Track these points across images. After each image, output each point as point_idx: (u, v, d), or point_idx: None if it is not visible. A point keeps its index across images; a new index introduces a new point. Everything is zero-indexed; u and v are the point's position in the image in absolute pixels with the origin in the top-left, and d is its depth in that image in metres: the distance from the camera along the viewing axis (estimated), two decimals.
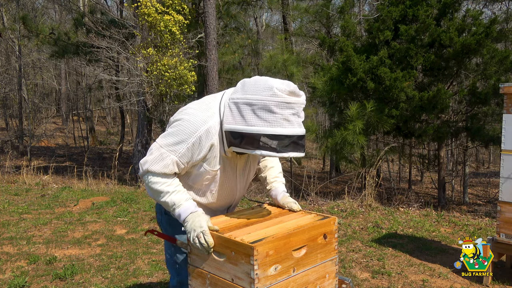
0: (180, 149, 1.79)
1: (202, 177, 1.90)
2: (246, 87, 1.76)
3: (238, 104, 1.74)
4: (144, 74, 8.65)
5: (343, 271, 3.75)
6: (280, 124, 1.68)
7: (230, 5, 12.00)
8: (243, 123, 1.72)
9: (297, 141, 1.72)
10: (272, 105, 1.67)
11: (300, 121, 1.75)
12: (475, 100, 7.46)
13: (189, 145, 1.79)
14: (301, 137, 1.74)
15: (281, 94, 1.68)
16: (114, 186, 8.45)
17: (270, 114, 1.68)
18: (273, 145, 1.68)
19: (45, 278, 3.59)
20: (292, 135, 1.70)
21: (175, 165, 1.82)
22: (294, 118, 1.72)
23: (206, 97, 1.94)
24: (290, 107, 1.70)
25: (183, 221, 1.82)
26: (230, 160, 1.92)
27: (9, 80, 17.65)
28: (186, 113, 1.84)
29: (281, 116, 1.68)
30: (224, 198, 2.03)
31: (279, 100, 1.68)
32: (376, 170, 7.04)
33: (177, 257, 2.07)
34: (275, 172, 2.19)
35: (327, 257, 1.85)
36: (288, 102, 1.69)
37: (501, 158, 3.35)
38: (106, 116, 26.94)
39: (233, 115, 1.75)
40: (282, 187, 2.16)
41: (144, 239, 4.68)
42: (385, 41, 7.66)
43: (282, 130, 1.68)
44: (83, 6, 15.40)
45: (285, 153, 1.70)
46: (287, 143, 1.70)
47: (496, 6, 13.37)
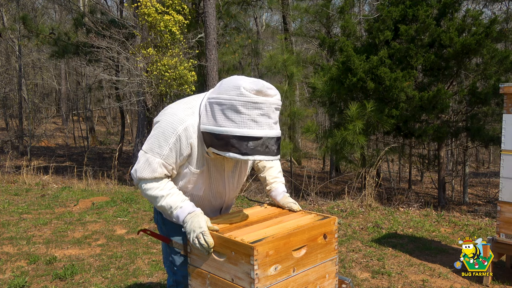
0: (163, 151, 1.78)
1: (188, 178, 1.88)
2: (220, 86, 1.73)
3: (212, 104, 1.71)
4: (144, 74, 8.65)
5: (343, 271, 3.75)
6: (246, 125, 1.62)
7: (230, 5, 12.00)
8: (213, 123, 1.69)
9: (267, 143, 1.64)
10: (238, 105, 1.62)
11: (271, 122, 1.67)
12: (475, 100, 7.46)
13: (170, 145, 1.77)
14: (271, 139, 1.66)
15: (247, 93, 1.62)
16: (114, 186, 8.45)
17: (237, 115, 1.63)
18: (241, 147, 1.62)
19: (45, 278, 3.59)
20: (258, 137, 1.62)
21: (162, 167, 1.80)
22: (262, 119, 1.64)
23: (190, 97, 1.93)
24: (257, 107, 1.63)
25: (183, 223, 1.81)
26: (215, 161, 1.88)
27: (9, 80, 17.66)
28: (165, 113, 1.83)
29: (248, 117, 1.62)
30: (213, 200, 2.01)
31: (246, 100, 1.62)
32: (376, 170, 7.04)
33: (172, 257, 2.07)
34: (275, 172, 2.18)
35: (327, 257, 1.85)
36: (255, 101, 1.62)
37: (501, 158, 3.35)
38: (106, 116, 26.94)
39: (207, 115, 1.73)
40: (282, 187, 2.15)
41: (144, 239, 4.68)
42: (385, 41, 7.66)
43: (248, 131, 1.62)
44: (83, 6, 15.40)
45: (251, 155, 1.62)
46: (255, 145, 1.63)
47: (496, 6, 13.38)
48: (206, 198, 1.98)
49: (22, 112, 15.85)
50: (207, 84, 8.51)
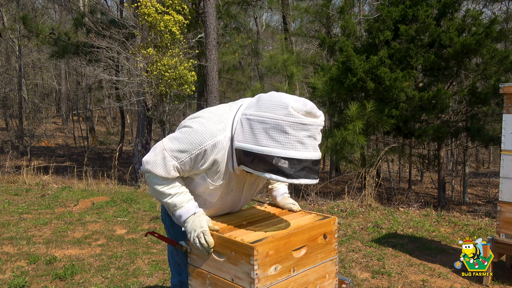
0: (183, 157, 1.74)
1: (203, 186, 1.84)
2: (260, 103, 1.65)
3: (251, 121, 1.63)
4: (144, 74, 8.65)
5: (343, 271, 3.75)
6: (293, 146, 1.56)
7: (230, 5, 12.00)
8: (254, 142, 1.60)
9: (311, 166, 1.59)
10: (286, 125, 1.55)
11: (316, 145, 1.62)
12: (475, 100, 7.46)
13: (192, 156, 1.72)
14: (316, 162, 1.61)
15: (296, 114, 1.55)
16: (114, 186, 8.45)
17: (283, 135, 1.55)
18: (285, 169, 1.56)
19: (45, 278, 3.59)
20: (305, 159, 1.57)
21: (176, 171, 1.78)
22: (309, 141, 1.58)
23: (222, 106, 1.85)
24: (305, 129, 1.56)
25: (184, 222, 1.81)
26: (238, 176, 1.84)
27: (9, 80, 17.66)
28: (197, 121, 1.76)
29: (295, 138, 1.56)
30: (224, 209, 2.00)
31: (294, 121, 1.55)
32: (376, 170, 7.04)
33: (178, 258, 2.08)
34: None
35: (327, 257, 1.85)
36: (303, 123, 1.56)
37: (501, 158, 3.35)
38: (106, 116, 26.94)
39: (243, 132, 1.65)
40: (284, 188, 2.15)
41: (144, 239, 4.68)
42: (385, 41, 7.66)
43: (295, 153, 1.55)
44: (83, 6, 15.40)
45: (296, 179, 1.57)
46: (300, 167, 1.57)
47: (496, 6, 13.38)
48: (217, 206, 1.95)
49: (22, 112, 15.85)
50: (207, 84, 8.51)
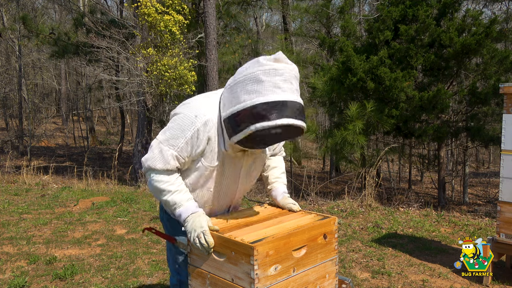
0: (179, 143, 1.76)
1: (201, 172, 1.85)
2: (238, 71, 1.71)
3: (231, 88, 1.68)
4: (144, 74, 8.65)
5: (343, 271, 3.75)
6: (271, 91, 1.58)
7: (230, 5, 12.00)
8: (236, 102, 1.63)
9: (293, 108, 1.59)
10: (260, 74, 1.59)
11: (294, 89, 1.62)
12: (475, 100, 7.46)
13: (187, 138, 1.76)
14: (298, 104, 1.61)
15: (267, 62, 1.61)
16: (114, 186, 8.45)
17: (260, 84, 1.59)
18: (267, 114, 1.55)
19: (45, 278, 3.59)
20: (285, 101, 1.57)
21: (175, 159, 1.79)
22: (286, 85, 1.60)
23: (208, 92, 1.93)
24: (279, 74, 1.60)
25: (184, 221, 1.81)
26: (234, 159, 1.86)
27: (9, 80, 17.66)
28: (184, 107, 1.82)
29: (271, 83, 1.58)
30: (223, 197, 2.00)
31: (266, 68, 1.59)
32: (376, 170, 7.04)
33: (177, 257, 2.08)
34: (278, 172, 2.17)
35: (327, 257, 1.85)
36: (275, 68, 1.60)
37: (501, 158, 3.35)
38: (106, 116, 26.94)
39: (228, 100, 1.68)
40: (283, 188, 2.15)
41: (144, 239, 4.68)
42: (385, 41, 7.66)
43: (274, 96, 1.57)
44: (83, 6, 15.40)
45: (279, 119, 1.55)
46: (282, 109, 1.56)
47: (496, 6, 13.38)
48: (216, 195, 1.95)
49: (22, 112, 15.85)
50: (207, 84, 8.51)
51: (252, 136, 1.61)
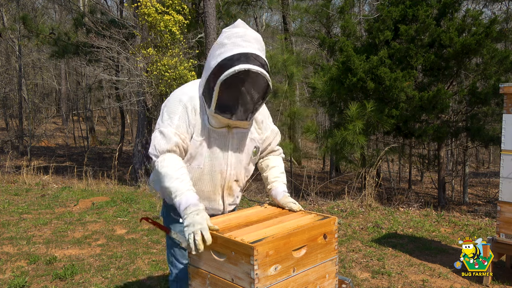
0: (173, 121, 1.88)
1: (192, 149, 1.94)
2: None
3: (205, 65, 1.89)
4: (144, 74, 8.65)
5: (343, 271, 3.75)
6: (231, 49, 1.76)
7: (230, 5, 12.00)
8: (207, 70, 1.83)
9: (251, 56, 1.75)
10: (223, 39, 1.81)
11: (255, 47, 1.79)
12: (475, 100, 7.45)
13: (179, 114, 1.89)
14: (257, 56, 1.77)
15: (228, 29, 1.83)
16: (114, 186, 8.45)
17: (223, 47, 1.79)
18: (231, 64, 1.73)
19: (45, 278, 3.59)
20: (245, 52, 1.75)
21: (176, 136, 1.87)
22: (246, 44, 1.78)
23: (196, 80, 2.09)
24: (238, 36, 1.79)
25: (183, 213, 1.78)
26: (219, 135, 1.95)
27: (9, 80, 17.65)
28: (171, 94, 2.00)
29: (232, 43, 1.78)
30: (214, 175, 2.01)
31: (228, 33, 1.81)
32: (376, 170, 7.04)
33: (173, 250, 2.10)
34: (277, 172, 2.19)
35: (327, 257, 1.84)
36: (236, 32, 1.80)
37: (501, 158, 3.35)
38: (106, 116, 26.94)
39: (203, 76, 1.88)
40: (283, 187, 2.15)
41: (144, 239, 4.68)
42: (385, 41, 7.66)
43: (235, 50, 1.75)
44: (83, 6, 15.40)
45: (237, 66, 1.72)
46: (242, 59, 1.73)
47: (496, 6, 13.38)
48: (208, 172, 2.00)
49: (22, 112, 15.85)
50: None
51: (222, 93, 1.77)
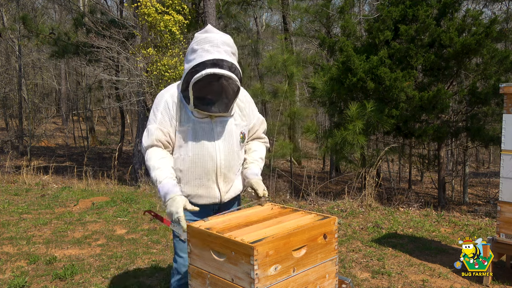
0: (157, 117, 2.11)
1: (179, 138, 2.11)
2: None
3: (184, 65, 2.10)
4: (144, 74, 8.65)
5: (343, 271, 3.76)
6: (200, 55, 1.96)
7: (230, 5, 11.99)
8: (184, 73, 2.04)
9: (216, 62, 1.94)
10: (193, 45, 2.02)
11: (222, 51, 1.97)
12: (475, 100, 7.45)
13: (161, 110, 2.11)
14: (220, 60, 1.95)
15: (198, 35, 2.02)
16: (114, 186, 8.45)
17: (194, 53, 2.00)
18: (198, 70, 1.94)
19: (45, 278, 3.59)
20: (212, 59, 1.94)
21: (158, 131, 2.09)
22: (213, 49, 1.96)
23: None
24: (206, 41, 1.98)
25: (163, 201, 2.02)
26: (203, 124, 2.10)
27: (9, 80, 17.65)
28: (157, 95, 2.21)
29: (201, 49, 1.97)
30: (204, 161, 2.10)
31: (199, 39, 2.01)
32: (376, 170, 7.04)
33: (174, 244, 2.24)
34: (256, 156, 2.29)
35: (327, 257, 1.85)
36: (203, 37, 2.00)
37: (501, 158, 3.35)
38: (106, 116, 26.93)
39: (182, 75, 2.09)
40: (257, 170, 2.24)
41: (144, 239, 4.68)
42: (385, 41, 7.66)
43: (201, 59, 1.95)
44: (83, 6, 15.40)
45: (203, 70, 1.92)
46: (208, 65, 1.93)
47: (496, 6, 13.38)
48: (198, 159, 2.11)
49: (22, 112, 15.84)
50: None
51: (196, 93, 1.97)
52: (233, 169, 2.18)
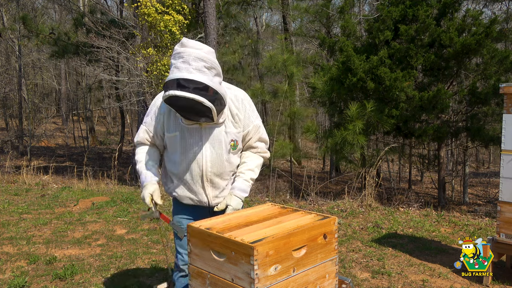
0: (148, 119, 2.26)
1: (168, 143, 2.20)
2: None
3: None
4: (144, 74, 8.65)
5: (343, 271, 3.76)
6: (172, 71, 1.95)
7: (230, 5, 11.99)
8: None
9: (181, 82, 1.89)
10: (171, 59, 2.00)
11: (190, 68, 1.91)
12: (475, 100, 7.45)
13: (151, 115, 2.23)
14: (186, 80, 1.89)
15: (176, 47, 1.99)
16: (114, 186, 8.45)
17: (170, 67, 1.99)
18: (164, 90, 1.93)
19: (45, 278, 3.59)
20: (176, 78, 1.90)
21: (145, 132, 2.26)
22: (183, 65, 1.92)
23: None
24: (179, 56, 1.94)
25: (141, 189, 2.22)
26: (192, 130, 2.14)
27: (9, 80, 17.64)
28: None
29: (174, 65, 1.95)
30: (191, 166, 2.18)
31: (174, 53, 1.98)
32: (376, 170, 7.04)
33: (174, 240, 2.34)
34: (244, 167, 2.29)
35: (327, 257, 1.85)
36: (177, 52, 1.96)
37: (501, 158, 3.35)
38: (106, 116, 26.93)
39: None
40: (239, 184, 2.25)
41: (144, 239, 4.68)
42: (385, 41, 7.66)
43: (170, 76, 1.94)
44: (83, 6, 15.39)
45: (167, 91, 1.90)
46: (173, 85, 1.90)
47: (496, 6, 13.38)
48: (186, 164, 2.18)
49: (22, 112, 15.84)
50: None
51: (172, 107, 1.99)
52: (222, 175, 2.22)
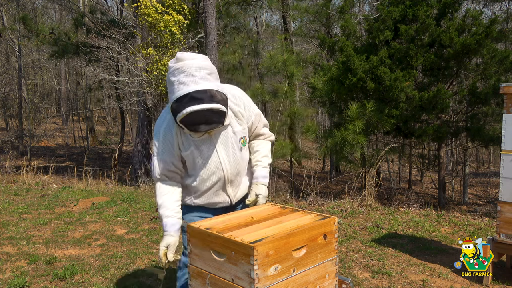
0: (158, 148, 2.12)
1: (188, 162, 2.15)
2: None
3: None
4: (144, 74, 8.65)
5: (343, 271, 3.75)
6: (177, 88, 1.90)
7: (230, 5, 11.99)
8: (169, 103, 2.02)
9: (194, 95, 1.87)
10: (169, 76, 1.95)
11: (196, 79, 1.90)
12: (475, 100, 7.45)
13: (160, 141, 2.11)
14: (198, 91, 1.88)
15: (172, 64, 1.95)
16: (114, 186, 8.45)
17: (171, 85, 1.94)
18: (177, 108, 1.90)
19: (45, 278, 3.59)
20: (188, 93, 1.87)
21: (161, 163, 2.12)
22: (188, 79, 1.89)
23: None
24: (180, 71, 1.91)
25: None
26: (203, 140, 2.10)
27: (9, 80, 17.64)
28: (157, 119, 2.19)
29: (177, 81, 1.91)
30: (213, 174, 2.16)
31: (171, 70, 1.94)
32: (376, 170, 7.03)
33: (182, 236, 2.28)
34: (259, 155, 2.30)
35: (327, 257, 1.85)
36: (177, 67, 1.92)
37: (501, 158, 3.35)
38: (106, 116, 26.93)
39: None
40: (261, 172, 2.27)
41: (144, 239, 4.68)
42: (385, 41, 7.66)
43: (178, 93, 1.89)
44: (83, 6, 15.40)
45: (184, 110, 1.87)
46: (185, 101, 1.87)
47: (496, 6, 13.38)
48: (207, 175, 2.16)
49: (22, 112, 15.84)
50: None
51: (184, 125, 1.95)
52: (240, 173, 2.25)
